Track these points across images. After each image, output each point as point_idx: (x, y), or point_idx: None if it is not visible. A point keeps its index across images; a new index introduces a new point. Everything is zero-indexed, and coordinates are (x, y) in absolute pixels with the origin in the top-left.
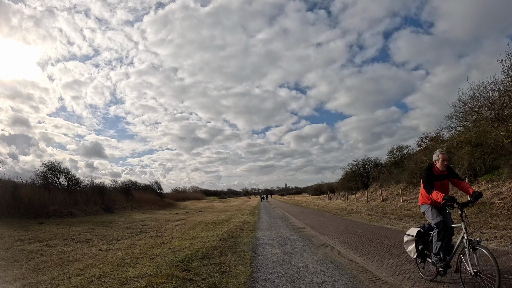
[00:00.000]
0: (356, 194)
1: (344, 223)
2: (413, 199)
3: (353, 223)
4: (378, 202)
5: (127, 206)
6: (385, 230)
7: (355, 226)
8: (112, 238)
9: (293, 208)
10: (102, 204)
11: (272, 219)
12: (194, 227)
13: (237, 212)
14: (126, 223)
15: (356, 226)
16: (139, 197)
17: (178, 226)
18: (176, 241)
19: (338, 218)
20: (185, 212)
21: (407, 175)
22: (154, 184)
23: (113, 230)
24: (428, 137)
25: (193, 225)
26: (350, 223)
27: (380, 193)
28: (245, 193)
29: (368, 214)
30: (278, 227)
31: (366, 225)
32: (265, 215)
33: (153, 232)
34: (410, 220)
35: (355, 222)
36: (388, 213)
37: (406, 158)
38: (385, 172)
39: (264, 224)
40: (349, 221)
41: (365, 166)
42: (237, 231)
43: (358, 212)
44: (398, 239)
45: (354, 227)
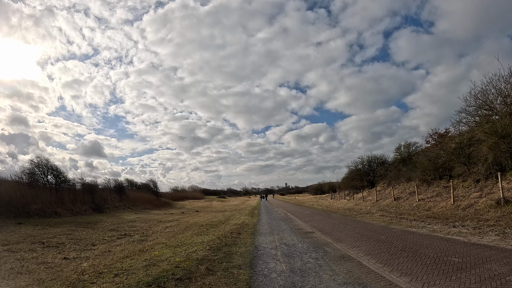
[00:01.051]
0: (363, 193)
1: (358, 225)
2: (430, 198)
3: (369, 225)
4: (389, 201)
5: (120, 206)
6: (412, 235)
7: (372, 229)
8: (89, 242)
9: (295, 208)
10: (92, 203)
11: (273, 221)
12: (185, 230)
13: (235, 212)
14: (112, 224)
15: (374, 229)
16: (134, 196)
17: (168, 229)
18: (158, 249)
19: (348, 219)
20: (180, 212)
21: (420, 172)
22: (150, 183)
23: (95, 233)
24: (437, 133)
25: (184, 228)
26: (365, 225)
27: (390, 191)
28: (245, 192)
29: (381, 215)
30: (282, 230)
31: (385, 228)
32: (266, 216)
33: (138, 235)
34: (435, 222)
35: (370, 225)
36: (405, 214)
37: (415, 154)
38: (392, 169)
39: (265, 227)
40: (363, 224)
41: (371, 164)
42: (233, 236)
43: (368, 212)
44: (438, 247)
45: (372, 231)
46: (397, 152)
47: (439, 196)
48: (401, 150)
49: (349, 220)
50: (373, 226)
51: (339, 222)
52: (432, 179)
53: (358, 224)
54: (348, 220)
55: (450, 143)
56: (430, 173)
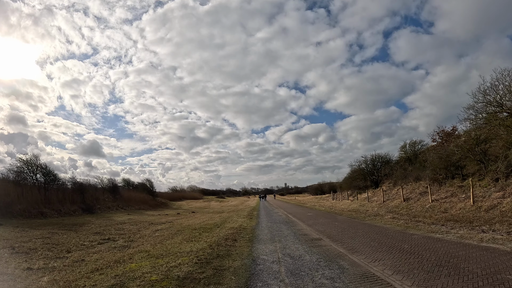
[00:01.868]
0: (368, 193)
1: (370, 230)
2: (444, 199)
3: (383, 230)
4: (398, 202)
5: (113, 206)
6: (439, 242)
7: (389, 235)
8: (64, 248)
9: (296, 209)
10: (82, 203)
11: (274, 224)
12: (175, 235)
13: (233, 213)
14: (99, 227)
15: (391, 235)
16: (128, 196)
17: (157, 232)
18: (137, 260)
19: (357, 223)
20: (176, 213)
21: (430, 171)
22: (146, 182)
23: (76, 236)
24: (443, 131)
25: (175, 231)
26: (378, 230)
27: (397, 192)
28: (244, 192)
29: (392, 218)
30: (284, 236)
31: (403, 234)
32: (266, 218)
33: (122, 240)
34: (459, 226)
35: (384, 230)
36: (419, 216)
37: (421, 153)
38: (398, 169)
39: (264, 231)
40: (376, 228)
41: (375, 163)
42: (227, 243)
43: (377, 214)
44: (481, 260)
45: (389, 237)
46: (402, 150)
47: (454, 197)
48: (406, 148)
49: (358, 224)
50: (389, 231)
51: (347, 226)
52: (444, 178)
53: (370, 229)
54: (357, 224)
55: (466, 139)
56: (441, 172)
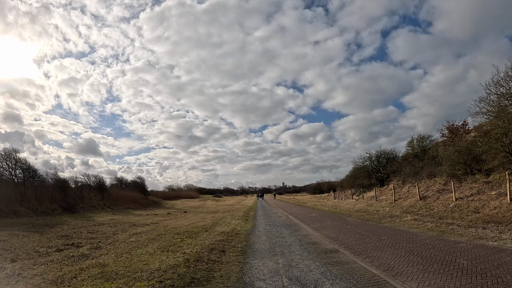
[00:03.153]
0: (375, 192)
1: (397, 237)
2: (470, 197)
3: (413, 237)
4: (413, 201)
5: (98, 205)
6: (505, 254)
7: (427, 245)
8: (12, 256)
9: (297, 209)
10: (63, 202)
11: (273, 228)
12: (153, 241)
13: (228, 214)
14: (72, 228)
15: (430, 245)
16: (117, 195)
17: (134, 237)
18: (79, 281)
19: (373, 226)
20: (166, 213)
21: (448, 166)
22: (138, 180)
23: (38, 240)
24: (453, 125)
25: (155, 236)
26: (408, 237)
27: (409, 190)
28: (241, 191)
29: (414, 220)
30: (287, 246)
31: (443, 242)
32: (264, 220)
33: (88, 246)
34: (508, 230)
35: (414, 236)
36: (446, 217)
37: (430, 148)
38: (407, 165)
39: (262, 238)
40: (402, 234)
41: (380, 160)
42: (211, 257)
43: (392, 215)
44: None
45: (429, 247)
46: (409, 146)
47: (482, 194)
48: (413, 144)
49: (376, 228)
50: (422, 239)
51: (363, 230)
52: (463, 174)
53: (396, 235)
54: (374, 228)
55: (493, 128)
56: (459, 167)
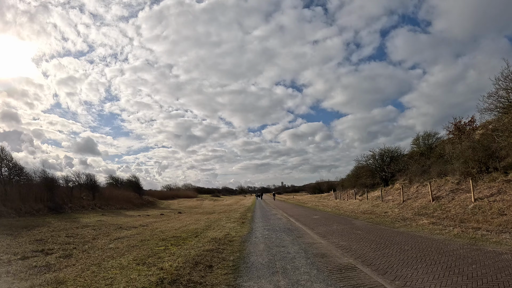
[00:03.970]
0: (381, 192)
1: (422, 246)
2: (491, 197)
3: (440, 245)
4: (424, 202)
5: (88, 205)
6: None
7: (467, 258)
8: None
9: (297, 210)
10: (50, 201)
11: (273, 233)
12: (133, 249)
13: (223, 215)
14: (52, 231)
15: (470, 258)
16: (110, 195)
17: (114, 243)
18: None
19: (388, 231)
20: (159, 213)
21: (461, 163)
22: (133, 179)
23: (7, 245)
24: (460, 122)
25: (138, 242)
26: (436, 247)
27: (418, 190)
28: (240, 191)
29: (432, 223)
30: (290, 260)
31: (480, 252)
32: (262, 223)
33: (58, 254)
34: None
35: (443, 245)
36: (468, 220)
37: (437, 146)
38: (413, 163)
39: (259, 247)
40: (427, 242)
41: (383, 158)
42: (193, 277)
43: (404, 218)
44: None
45: (467, 260)
46: (414, 144)
47: (504, 193)
48: (419, 141)
49: (391, 234)
50: (452, 248)
51: (378, 237)
52: (478, 172)
53: (418, 243)
54: (389, 234)
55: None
56: (474, 165)
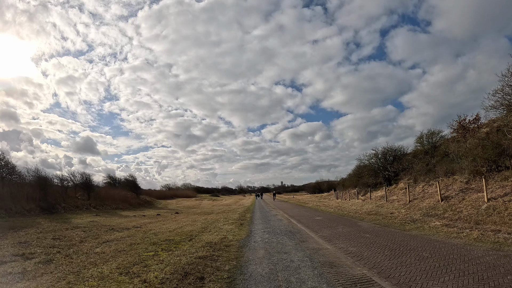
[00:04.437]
0: (385, 192)
1: (442, 252)
2: (505, 196)
3: (462, 251)
4: (432, 202)
5: (83, 205)
6: None
7: (494, 266)
8: None
9: (298, 210)
10: (43, 201)
11: (273, 237)
12: (121, 253)
13: (222, 216)
14: (39, 232)
15: (499, 266)
16: (106, 194)
17: (103, 246)
18: None
19: (399, 235)
20: (156, 213)
21: (470, 162)
22: (130, 178)
23: None
24: (465, 120)
25: (126, 246)
26: (456, 252)
27: (424, 189)
28: (239, 190)
29: (445, 225)
30: (295, 270)
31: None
32: (262, 225)
33: (40, 258)
34: None
35: (463, 249)
36: (484, 222)
37: (442, 144)
38: (418, 162)
39: (258, 254)
40: (444, 246)
41: (386, 157)
42: None
43: (413, 220)
44: None
45: (499, 270)
46: (418, 142)
47: None
48: (423, 140)
49: (404, 238)
50: (477, 255)
51: (389, 241)
52: (488, 171)
53: (437, 249)
54: (402, 237)
55: None
56: (483, 163)
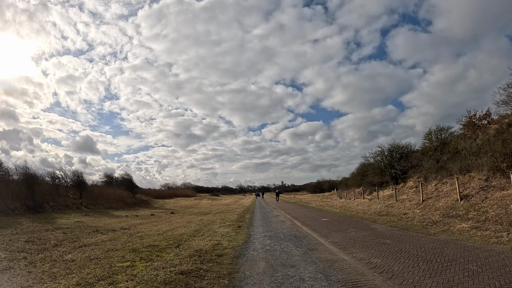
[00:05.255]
0: (395, 191)
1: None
2: None
3: None
4: (450, 201)
5: (73, 204)
6: None
7: None
8: None
9: (302, 211)
10: (30, 200)
11: (276, 243)
12: (90, 263)
13: (219, 216)
14: (13, 234)
15: None
16: (99, 193)
17: (77, 251)
18: None
19: (426, 240)
20: (150, 214)
21: (489, 158)
22: (125, 177)
23: None
24: (476, 115)
25: (104, 252)
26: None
27: (437, 188)
28: (240, 190)
29: (475, 227)
30: None
31: None
32: (262, 228)
33: None
34: None
35: None
36: None
37: (451, 140)
38: (427, 159)
39: (258, 267)
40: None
41: (393, 155)
42: None
43: (435, 222)
44: None
45: None
46: (426, 138)
47: None
48: (431, 136)
49: (433, 244)
50: None
51: (418, 249)
52: (508, 167)
53: (487, 260)
54: (430, 243)
55: None
56: (503, 159)
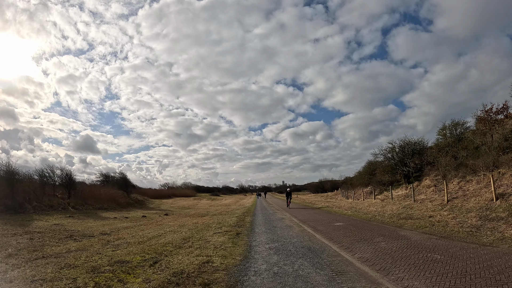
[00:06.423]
0: (413, 190)
1: None
2: None
3: None
4: (482, 201)
5: (60, 205)
6: None
7: None
8: None
9: (308, 213)
10: (11, 200)
11: (287, 260)
12: None
13: (216, 219)
14: None
15: None
16: (90, 193)
17: (21, 269)
18: None
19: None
20: (142, 215)
21: None
22: (120, 175)
23: None
24: (492, 108)
25: (56, 270)
26: None
27: (461, 186)
28: (240, 189)
29: None
30: None
31: None
32: (265, 236)
33: None
34: None
35: None
36: None
37: (467, 136)
38: (444, 156)
39: None
40: None
41: (404, 151)
42: None
43: (475, 226)
44: None
45: None
46: (440, 134)
47: None
48: (445, 132)
49: (500, 258)
50: None
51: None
52: None
53: None
54: (497, 258)
55: None
56: None
